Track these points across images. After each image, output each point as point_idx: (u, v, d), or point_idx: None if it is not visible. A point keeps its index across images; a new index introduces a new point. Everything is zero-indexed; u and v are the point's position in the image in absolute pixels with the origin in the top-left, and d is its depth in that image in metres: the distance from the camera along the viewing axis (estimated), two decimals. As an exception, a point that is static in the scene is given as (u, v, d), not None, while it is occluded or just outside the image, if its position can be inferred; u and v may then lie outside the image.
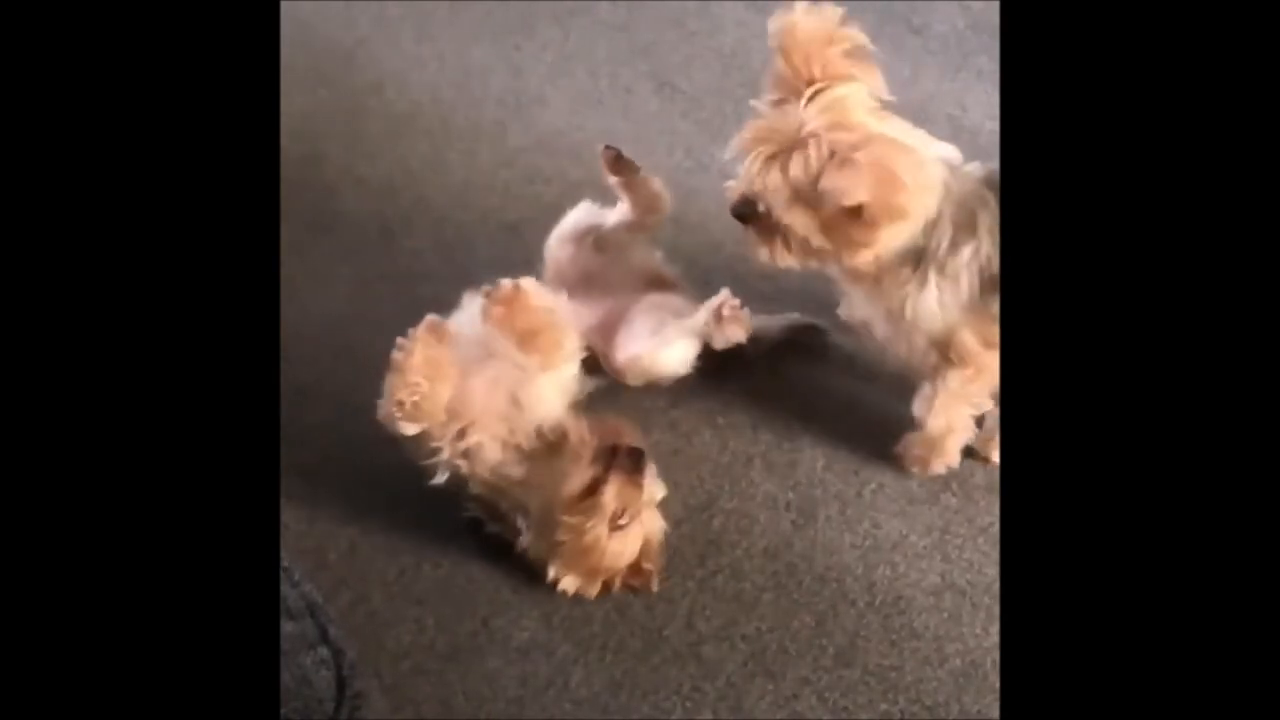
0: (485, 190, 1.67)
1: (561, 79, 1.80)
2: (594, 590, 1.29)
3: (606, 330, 1.41)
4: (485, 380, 1.27)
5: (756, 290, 1.55)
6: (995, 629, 1.27)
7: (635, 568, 1.29)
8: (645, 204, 1.42)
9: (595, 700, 1.26)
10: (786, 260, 1.22)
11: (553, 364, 1.29)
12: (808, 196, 1.14)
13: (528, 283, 1.29)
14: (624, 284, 1.44)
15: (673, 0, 1.88)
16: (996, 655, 1.26)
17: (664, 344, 1.38)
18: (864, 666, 1.26)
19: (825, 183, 1.11)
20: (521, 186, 1.68)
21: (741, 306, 1.34)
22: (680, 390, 1.46)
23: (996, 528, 1.33)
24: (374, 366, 1.26)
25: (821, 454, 1.42)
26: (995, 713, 1.23)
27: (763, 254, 1.23)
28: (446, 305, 1.50)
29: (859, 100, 1.16)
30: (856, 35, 1.17)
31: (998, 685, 1.24)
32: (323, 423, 1.44)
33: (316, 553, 1.36)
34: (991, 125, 1.67)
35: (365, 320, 1.50)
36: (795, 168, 1.13)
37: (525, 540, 1.28)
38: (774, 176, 1.15)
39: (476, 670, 1.28)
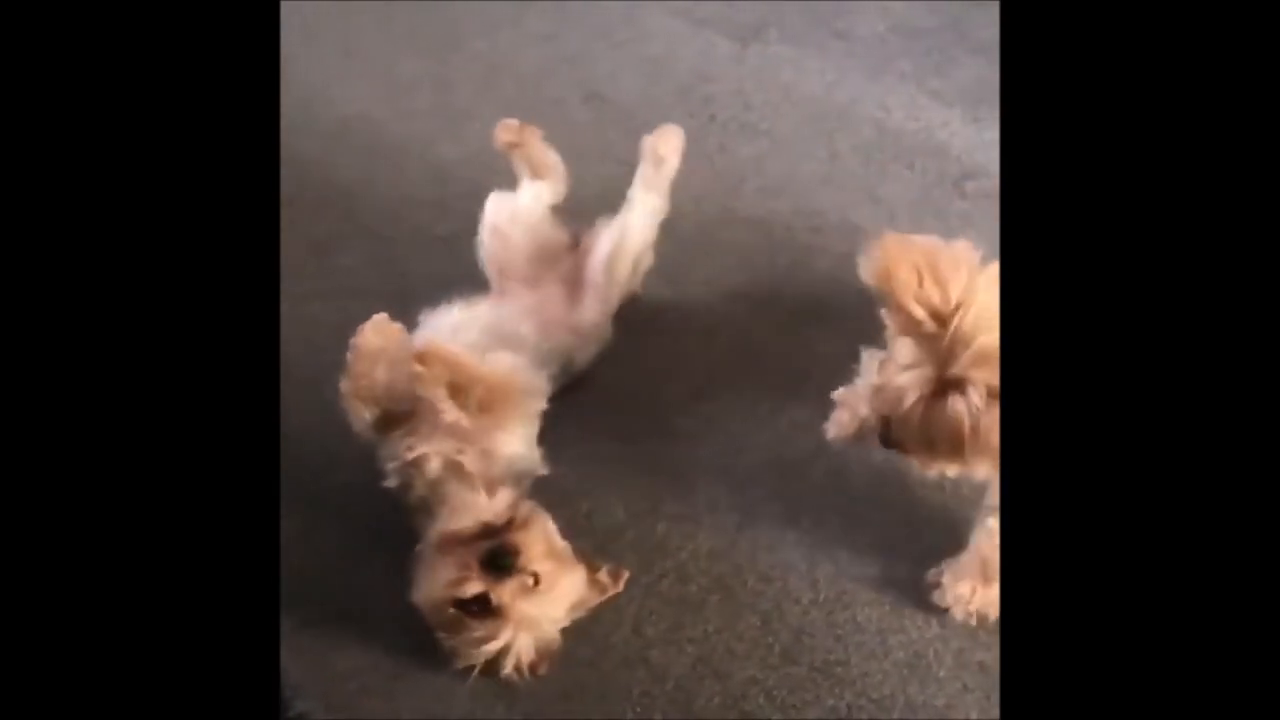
0: (417, 205, 1.66)
1: (490, 91, 1.80)
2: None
3: (572, 294, 1.44)
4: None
5: (692, 296, 1.57)
6: (936, 620, 1.30)
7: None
8: (546, 170, 1.48)
9: (546, 711, 1.26)
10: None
11: (504, 423, 1.30)
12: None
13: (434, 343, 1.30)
14: (558, 254, 1.48)
15: (599, 11, 1.89)
16: (939, 646, 1.28)
17: (624, 223, 1.43)
18: (810, 663, 1.28)
19: (991, 440, 1.00)
20: (454, 200, 1.67)
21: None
22: (623, 398, 1.47)
23: (938, 520, 1.36)
24: (312, 388, 1.25)
25: (762, 454, 1.44)
26: (940, 702, 1.25)
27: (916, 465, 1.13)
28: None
29: (990, 319, 1.00)
30: (960, 250, 1.03)
31: (941, 675, 1.27)
32: (260, 445, 1.42)
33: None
34: (914, 126, 1.70)
35: (300, 340, 1.48)
36: (954, 407, 1.01)
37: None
38: (923, 414, 1.03)
39: (425, 688, 1.27)
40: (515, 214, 1.47)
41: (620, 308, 1.52)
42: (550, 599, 1.23)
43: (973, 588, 1.26)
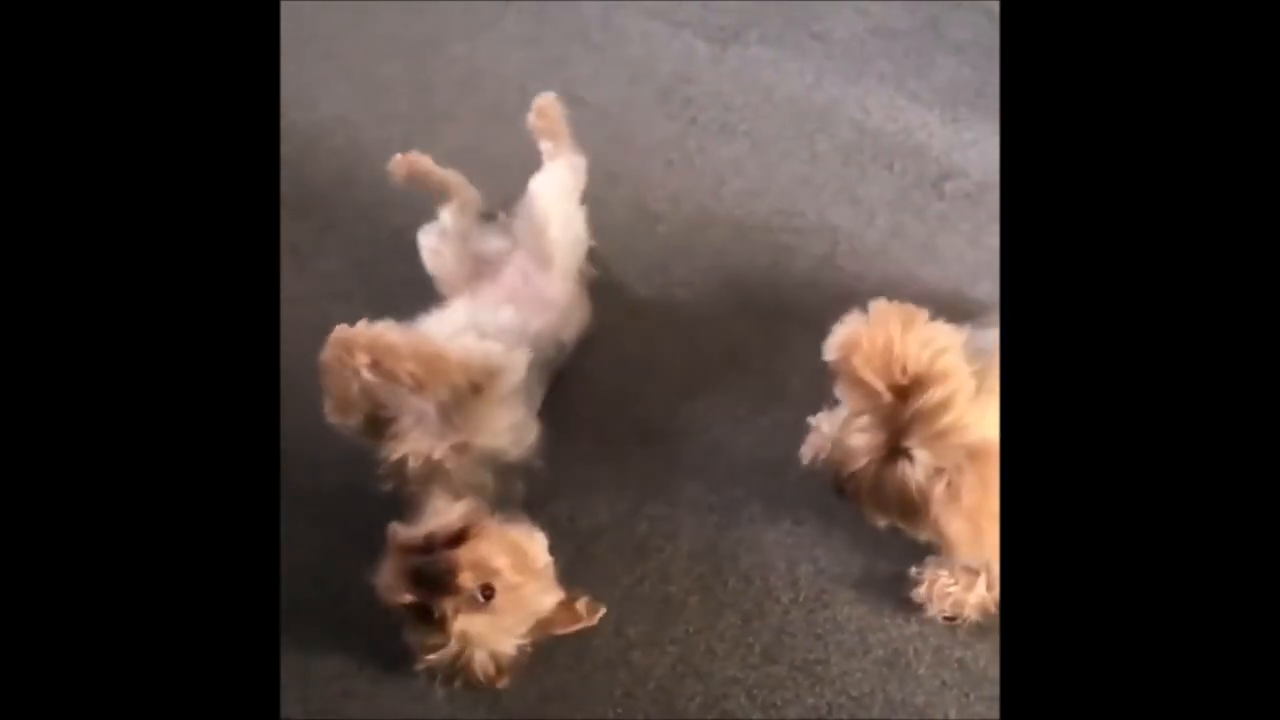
0: (396, 208, 1.66)
1: (470, 94, 1.80)
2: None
3: (532, 275, 1.45)
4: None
5: (672, 297, 1.58)
6: (915, 618, 1.31)
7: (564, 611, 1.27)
8: (450, 191, 1.50)
9: (527, 714, 1.26)
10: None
11: (483, 409, 1.28)
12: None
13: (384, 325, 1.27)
14: (502, 252, 1.48)
15: (578, 14, 1.89)
16: (918, 644, 1.29)
17: (532, 191, 1.45)
18: (790, 662, 1.29)
19: (935, 512, 1.02)
20: (432, 203, 1.67)
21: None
22: (603, 400, 1.47)
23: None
24: (292, 391, 1.25)
25: (743, 455, 1.44)
26: (919, 699, 1.26)
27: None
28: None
29: (960, 394, 1.02)
30: (932, 326, 1.04)
31: (920, 673, 1.28)
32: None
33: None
34: (892, 128, 1.71)
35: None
36: (904, 473, 1.03)
37: None
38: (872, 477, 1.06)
39: (406, 691, 1.27)
40: (442, 237, 1.48)
41: (603, 304, 1.52)
42: (506, 615, 1.20)
43: (950, 586, 1.27)
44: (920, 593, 1.29)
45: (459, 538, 1.19)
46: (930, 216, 1.62)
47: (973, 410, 1.01)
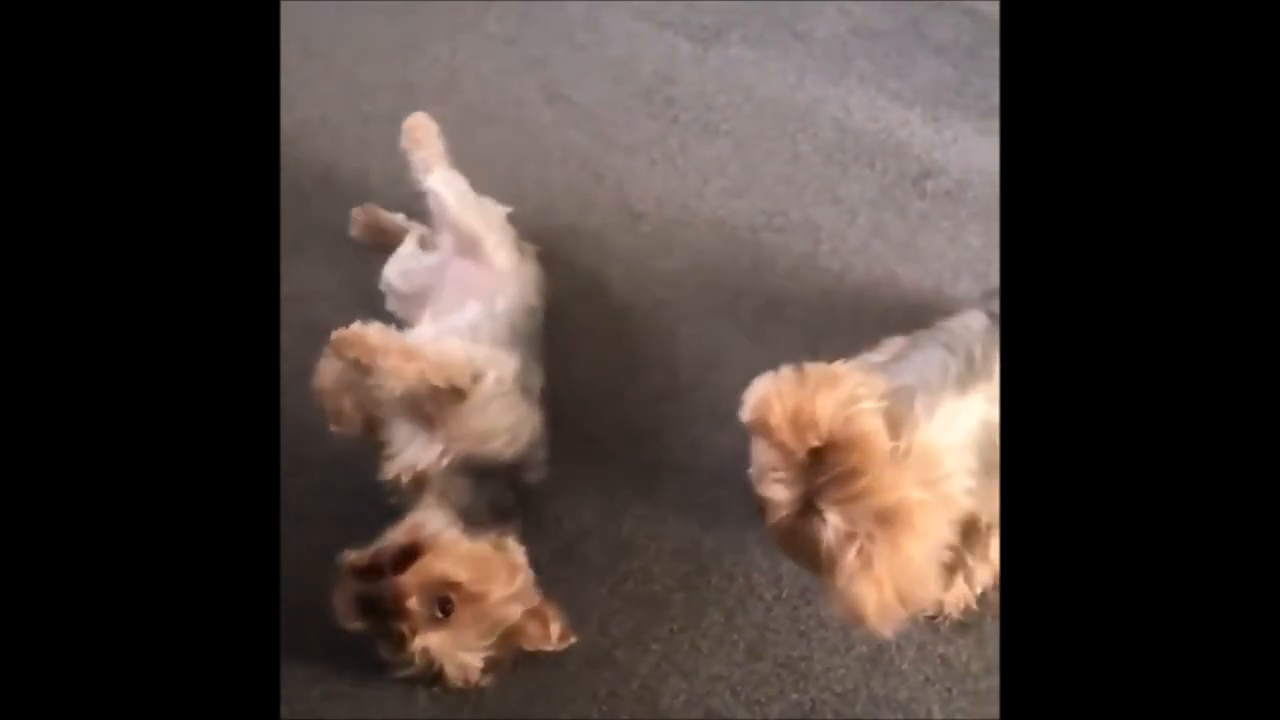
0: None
1: (451, 95, 1.80)
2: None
3: (466, 277, 1.47)
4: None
5: (656, 297, 1.58)
6: (899, 614, 1.31)
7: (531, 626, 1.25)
8: (398, 235, 1.57)
9: (511, 713, 1.26)
10: None
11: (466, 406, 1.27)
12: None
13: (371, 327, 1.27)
14: (432, 272, 1.50)
15: (561, 13, 1.89)
16: (901, 640, 1.30)
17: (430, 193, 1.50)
18: (774, 659, 1.29)
19: (841, 585, 1.00)
20: (414, 202, 1.66)
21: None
22: (586, 400, 1.47)
23: (896, 516, 1.38)
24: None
25: (726, 454, 1.44)
26: (902, 695, 1.27)
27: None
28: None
29: (875, 458, 1.00)
30: (856, 387, 1.02)
31: (904, 669, 1.28)
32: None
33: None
34: (874, 127, 1.72)
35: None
36: (816, 530, 1.01)
37: None
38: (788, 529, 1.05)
39: (390, 693, 1.27)
40: (404, 274, 1.52)
41: (585, 304, 1.52)
42: (469, 628, 1.19)
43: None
44: None
45: (410, 554, 1.18)
46: (911, 215, 1.63)
47: (888, 473, 0.99)
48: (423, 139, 1.53)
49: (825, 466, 0.98)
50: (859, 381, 1.01)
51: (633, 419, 1.48)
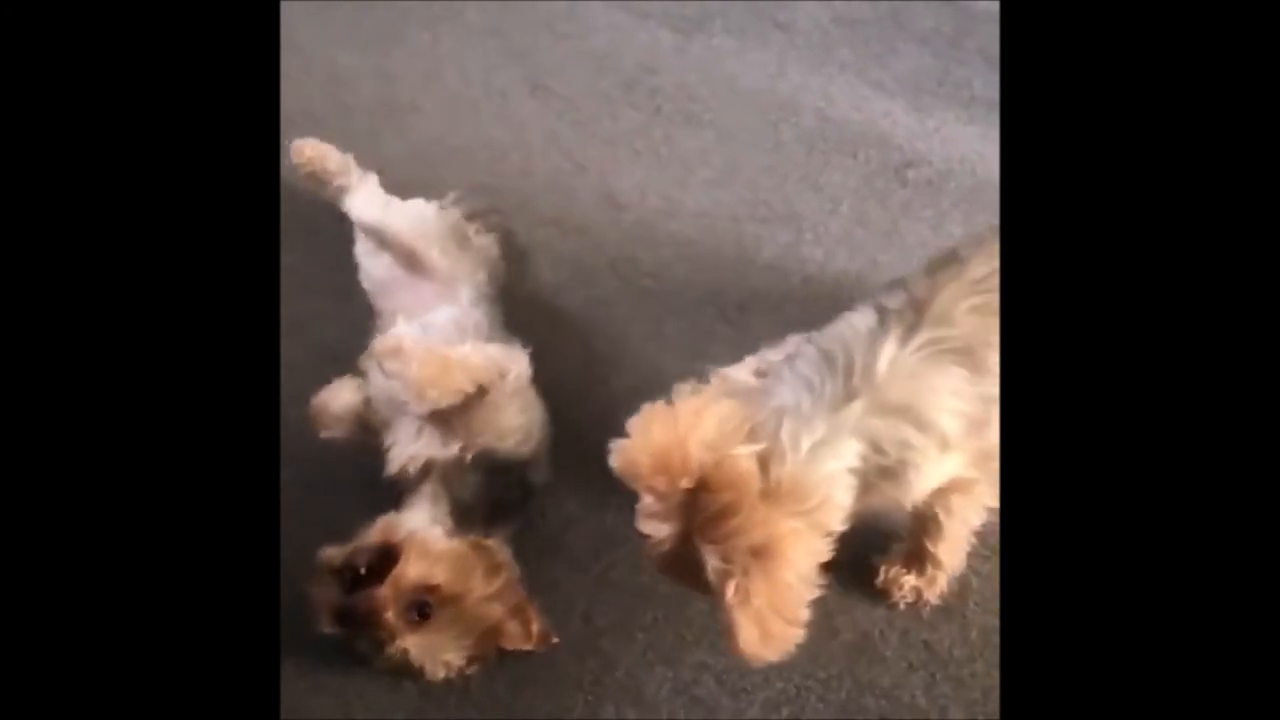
0: (362, 200, 1.65)
1: (434, 85, 1.80)
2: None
3: (422, 287, 1.47)
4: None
5: (639, 287, 1.58)
6: (882, 602, 1.32)
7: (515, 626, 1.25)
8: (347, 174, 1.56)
9: (497, 702, 1.27)
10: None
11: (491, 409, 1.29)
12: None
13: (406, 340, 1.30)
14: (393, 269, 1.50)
15: (542, 3, 1.89)
16: (885, 627, 1.31)
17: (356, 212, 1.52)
18: (759, 647, 1.29)
19: (724, 621, 1.00)
20: (398, 193, 1.66)
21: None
22: (570, 392, 1.47)
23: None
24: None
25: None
26: (886, 681, 1.28)
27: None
28: (325, 319, 1.49)
29: (746, 497, 1.00)
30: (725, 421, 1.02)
31: (888, 655, 1.29)
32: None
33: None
34: (856, 116, 1.73)
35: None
36: (698, 563, 1.02)
37: None
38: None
39: (376, 681, 1.27)
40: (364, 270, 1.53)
41: (569, 294, 1.52)
42: (448, 629, 1.20)
43: (904, 575, 1.28)
44: (879, 581, 1.30)
45: (386, 554, 1.19)
46: (894, 204, 1.63)
47: (759, 510, 1.00)
48: (319, 167, 1.53)
49: (700, 504, 1.00)
50: (726, 418, 1.01)
51: (617, 409, 1.47)
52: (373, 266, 1.50)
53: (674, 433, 1.00)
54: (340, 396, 1.32)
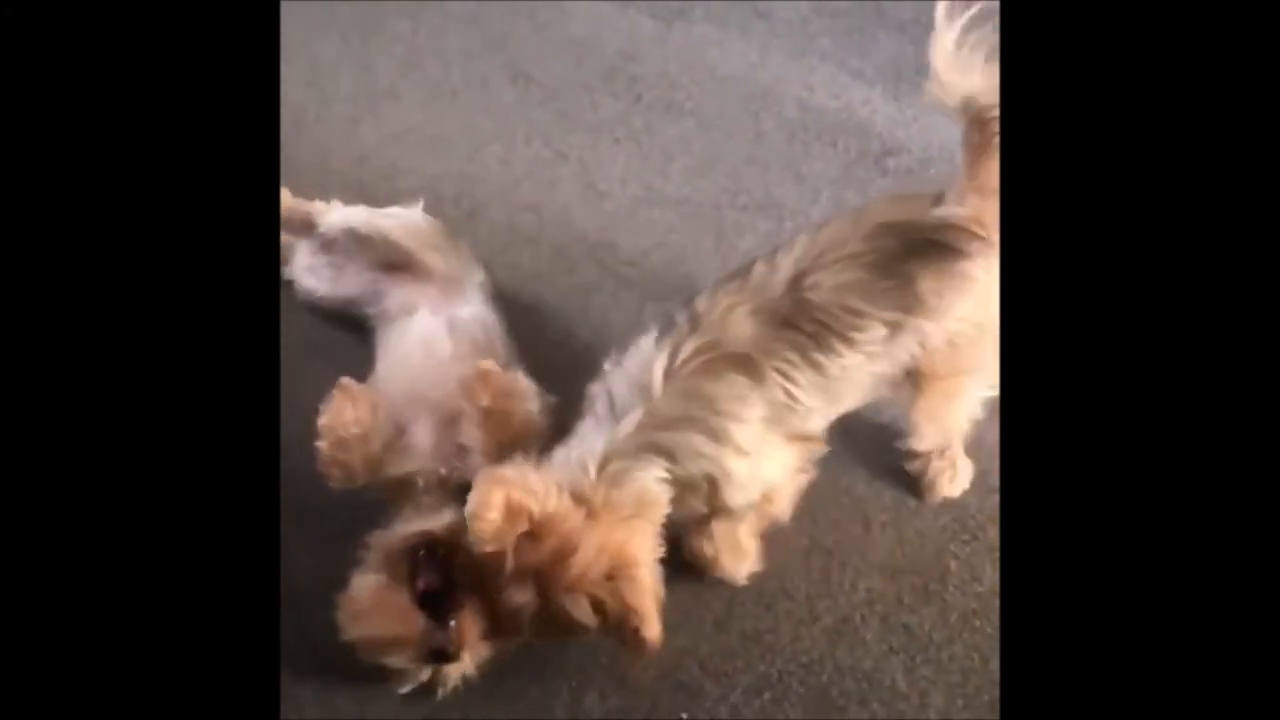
0: (342, 189, 1.64)
1: (413, 73, 1.79)
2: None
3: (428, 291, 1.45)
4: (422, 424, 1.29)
5: (620, 275, 1.58)
6: (864, 584, 1.33)
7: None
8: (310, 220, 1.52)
9: (482, 686, 1.26)
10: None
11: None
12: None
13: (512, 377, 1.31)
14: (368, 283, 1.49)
15: (522, -9, 1.89)
16: (865, 611, 1.32)
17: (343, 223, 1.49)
18: (741, 631, 1.30)
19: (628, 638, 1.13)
20: (378, 182, 1.66)
21: None
22: (552, 381, 1.47)
23: (858, 489, 1.40)
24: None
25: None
26: (867, 665, 1.29)
27: None
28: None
29: (572, 533, 1.10)
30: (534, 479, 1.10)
31: (868, 639, 1.30)
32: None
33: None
34: (836, 105, 1.73)
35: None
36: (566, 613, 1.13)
37: None
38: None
39: (366, 672, 1.27)
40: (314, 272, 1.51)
41: (552, 283, 1.53)
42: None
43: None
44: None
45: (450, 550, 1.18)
46: (874, 191, 1.64)
47: (591, 532, 1.09)
48: (292, 215, 1.50)
49: (541, 554, 1.08)
50: (530, 490, 1.08)
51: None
52: (321, 282, 1.49)
53: (499, 494, 1.06)
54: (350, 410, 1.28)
